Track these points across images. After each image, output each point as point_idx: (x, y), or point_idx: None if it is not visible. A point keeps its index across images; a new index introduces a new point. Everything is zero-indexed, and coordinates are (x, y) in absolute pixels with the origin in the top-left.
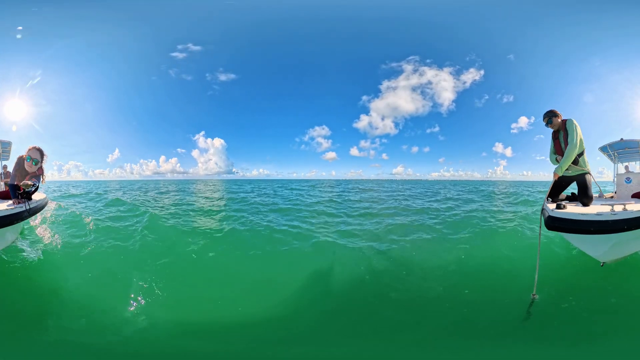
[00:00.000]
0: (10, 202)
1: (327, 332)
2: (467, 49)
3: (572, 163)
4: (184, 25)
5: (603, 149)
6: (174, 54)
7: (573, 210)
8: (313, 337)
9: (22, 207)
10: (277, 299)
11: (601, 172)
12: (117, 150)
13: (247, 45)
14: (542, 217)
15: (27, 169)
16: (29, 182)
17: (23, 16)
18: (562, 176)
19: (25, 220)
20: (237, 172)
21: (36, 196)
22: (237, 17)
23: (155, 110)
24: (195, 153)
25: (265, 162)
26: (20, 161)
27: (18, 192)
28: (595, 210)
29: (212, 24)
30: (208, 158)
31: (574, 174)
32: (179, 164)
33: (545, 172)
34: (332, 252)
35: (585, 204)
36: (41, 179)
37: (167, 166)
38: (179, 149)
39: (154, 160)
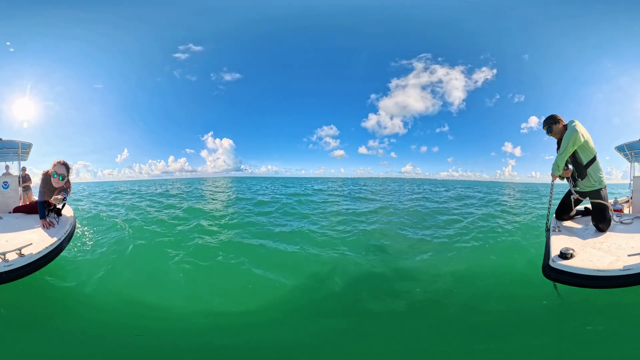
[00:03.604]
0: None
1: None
2: (482, 48)
3: (579, 178)
4: (183, 26)
5: (620, 148)
6: (177, 55)
7: (586, 263)
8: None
9: (60, 235)
10: (279, 296)
11: (609, 172)
12: (125, 151)
13: (251, 44)
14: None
15: (54, 184)
16: (59, 197)
17: (27, 20)
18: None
19: None
20: (245, 170)
21: (65, 211)
22: (236, 16)
23: (163, 111)
24: (204, 153)
25: (274, 159)
26: (47, 178)
27: (48, 207)
28: (619, 262)
29: (211, 23)
30: (217, 157)
31: (584, 190)
32: (187, 163)
33: None
34: (338, 253)
35: (601, 230)
36: (68, 192)
37: (175, 165)
38: (187, 150)
39: (162, 161)
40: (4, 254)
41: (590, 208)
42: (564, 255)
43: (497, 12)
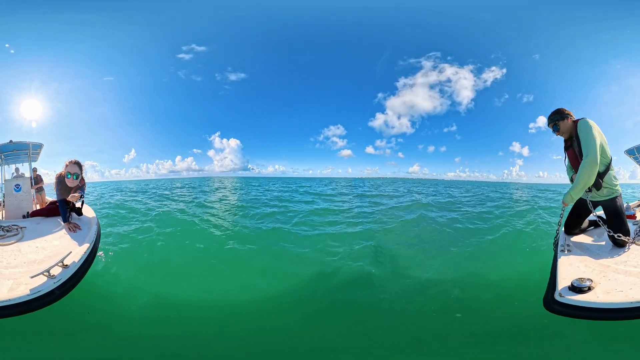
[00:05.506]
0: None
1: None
2: (492, 46)
3: (593, 185)
4: (185, 26)
5: (629, 152)
6: (181, 55)
7: (614, 296)
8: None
9: (91, 237)
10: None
11: (617, 172)
12: (133, 151)
13: (254, 44)
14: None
15: (69, 184)
16: (77, 195)
17: (30, 23)
18: (584, 200)
19: None
20: (252, 169)
21: (86, 212)
22: (238, 14)
23: (169, 112)
24: (211, 153)
25: (281, 159)
26: (61, 179)
27: (68, 208)
28: None
29: (212, 23)
30: (224, 157)
31: (599, 199)
32: (194, 163)
33: (561, 173)
34: (348, 251)
35: (620, 245)
36: (84, 189)
37: (182, 165)
38: (194, 150)
39: (169, 160)
40: (48, 270)
41: (604, 218)
42: (578, 289)
43: (510, 11)
